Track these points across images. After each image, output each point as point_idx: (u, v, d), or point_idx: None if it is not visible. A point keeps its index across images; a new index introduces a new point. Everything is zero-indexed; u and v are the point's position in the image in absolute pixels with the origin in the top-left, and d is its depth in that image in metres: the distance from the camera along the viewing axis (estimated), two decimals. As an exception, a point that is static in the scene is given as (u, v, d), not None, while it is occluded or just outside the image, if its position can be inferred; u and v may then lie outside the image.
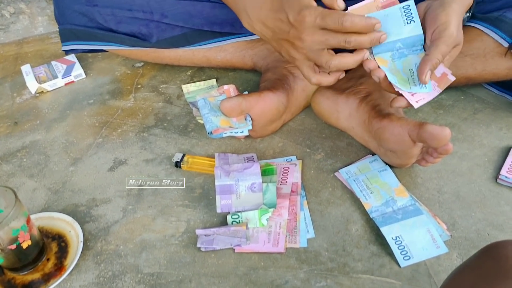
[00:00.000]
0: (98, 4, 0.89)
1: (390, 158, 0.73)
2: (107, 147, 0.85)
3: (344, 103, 0.79)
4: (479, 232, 0.65)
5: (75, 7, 0.90)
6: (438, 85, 0.65)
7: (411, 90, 0.64)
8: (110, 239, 0.69)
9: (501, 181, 0.72)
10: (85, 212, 0.73)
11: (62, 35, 0.94)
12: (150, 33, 0.90)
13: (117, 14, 0.89)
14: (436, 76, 0.65)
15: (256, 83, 0.96)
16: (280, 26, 0.65)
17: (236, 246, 0.65)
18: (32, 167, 0.82)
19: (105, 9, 0.89)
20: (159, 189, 0.76)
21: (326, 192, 0.73)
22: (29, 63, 1.06)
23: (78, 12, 0.91)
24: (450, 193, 0.71)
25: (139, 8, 0.89)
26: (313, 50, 0.63)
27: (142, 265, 0.65)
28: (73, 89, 1.02)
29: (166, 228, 0.70)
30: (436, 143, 0.63)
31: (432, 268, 0.61)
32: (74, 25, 0.92)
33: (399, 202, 0.68)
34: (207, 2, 0.87)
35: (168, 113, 0.92)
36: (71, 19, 0.92)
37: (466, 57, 0.79)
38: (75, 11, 0.91)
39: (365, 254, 0.64)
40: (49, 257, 0.65)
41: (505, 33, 0.75)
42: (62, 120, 0.93)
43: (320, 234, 0.67)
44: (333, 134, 0.83)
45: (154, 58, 0.98)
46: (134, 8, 0.89)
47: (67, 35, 0.93)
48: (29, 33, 1.27)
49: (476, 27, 0.78)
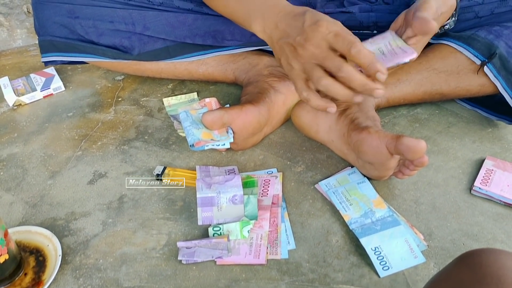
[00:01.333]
0: (80, 16, 0.89)
1: (368, 170, 0.75)
2: (87, 160, 0.84)
3: (324, 117, 0.80)
4: (454, 242, 0.67)
5: (56, 19, 0.90)
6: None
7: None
8: (90, 253, 0.68)
9: (475, 192, 0.74)
10: (63, 226, 0.72)
11: (42, 46, 0.93)
12: (132, 46, 0.90)
13: (98, 26, 0.89)
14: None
15: (237, 96, 0.97)
16: (291, 29, 0.63)
17: (217, 258, 0.65)
18: (9, 180, 0.81)
19: (87, 21, 0.89)
20: (140, 201, 0.75)
21: (306, 204, 0.74)
22: (7, 76, 1.05)
23: (59, 23, 0.90)
24: (426, 204, 0.73)
25: (121, 20, 0.88)
26: (310, 62, 0.62)
27: (122, 279, 0.64)
28: (52, 102, 1.01)
29: (147, 241, 0.69)
30: (412, 156, 0.65)
31: (410, 277, 0.62)
32: (54, 36, 0.91)
33: (377, 213, 0.70)
34: (190, 14, 0.88)
35: (149, 126, 0.92)
36: (51, 31, 0.91)
37: (441, 73, 0.82)
38: (55, 22, 0.90)
39: (345, 264, 0.65)
40: (27, 271, 0.64)
41: (478, 51, 0.79)
42: (40, 133, 0.92)
43: (301, 245, 0.68)
44: (313, 147, 0.85)
45: (135, 70, 0.98)
46: (116, 20, 0.89)
47: (47, 47, 0.92)
48: (8, 45, 1.26)
49: (450, 45, 0.81)
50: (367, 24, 0.86)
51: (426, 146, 0.64)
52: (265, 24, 0.68)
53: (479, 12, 0.82)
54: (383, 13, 0.85)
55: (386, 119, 0.90)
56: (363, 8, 0.86)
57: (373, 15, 0.86)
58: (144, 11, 0.88)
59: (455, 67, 0.82)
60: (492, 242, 0.67)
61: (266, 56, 0.93)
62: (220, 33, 0.85)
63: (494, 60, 0.77)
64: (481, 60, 0.78)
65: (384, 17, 0.85)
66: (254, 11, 0.69)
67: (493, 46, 0.77)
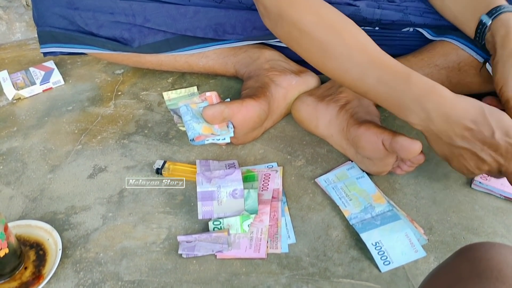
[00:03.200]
0: (79, 7, 0.88)
1: (367, 165, 0.75)
2: (87, 154, 0.84)
3: (324, 111, 0.80)
4: (455, 236, 0.67)
5: (55, 10, 0.89)
6: None
7: None
8: (90, 247, 0.68)
9: (476, 187, 0.74)
10: (63, 220, 0.72)
11: (40, 37, 0.92)
12: (132, 38, 0.89)
13: (98, 17, 0.88)
14: None
15: (237, 90, 0.97)
16: (480, 138, 0.59)
17: (218, 252, 0.65)
18: (9, 174, 0.81)
19: (86, 12, 0.88)
20: (140, 196, 0.75)
21: (306, 198, 0.74)
22: (6, 69, 1.04)
23: (58, 14, 0.89)
24: (427, 198, 0.73)
25: (121, 11, 0.88)
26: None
27: (122, 273, 0.64)
28: (51, 96, 1.01)
29: (147, 235, 0.69)
30: (406, 155, 0.65)
31: (410, 271, 0.63)
32: (53, 27, 0.90)
33: (377, 208, 0.70)
34: (191, 6, 0.87)
35: (149, 120, 0.92)
36: (50, 22, 0.90)
37: (442, 70, 0.82)
38: (55, 13, 0.89)
39: (346, 258, 0.65)
40: (27, 265, 0.64)
41: (480, 49, 0.78)
42: (40, 127, 0.91)
43: (301, 239, 0.68)
44: (313, 141, 0.84)
45: (135, 62, 0.98)
46: (116, 12, 0.88)
47: (46, 38, 0.92)
48: (7, 39, 1.25)
49: (452, 42, 0.81)
50: (371, 20, 0.85)
51: (421, 146, 0.64)
52: (430, 118, 0.61)
53: None
54: (389, 11, 0.85)
55: (386, 113, 0.90)
56: (370, 4, 0.85)
57: (379, 12, 0.85)
58: (145, 2, 0.87)
59: (457, 63, 0.81)
60: (492, 236, 0.67)
61: (267, 49, 0.93)
62: (221, 26, 0.84)
63: None
64: (484, 58, 0.78)
65: (389, 15, 0.84)
66: (418, 100, 0.61)
67: None
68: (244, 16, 0.86)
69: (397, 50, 0.88)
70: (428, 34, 0.83)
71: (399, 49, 0.88)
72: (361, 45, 0.64)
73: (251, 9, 0.86)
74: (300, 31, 0.65)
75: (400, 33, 0.87)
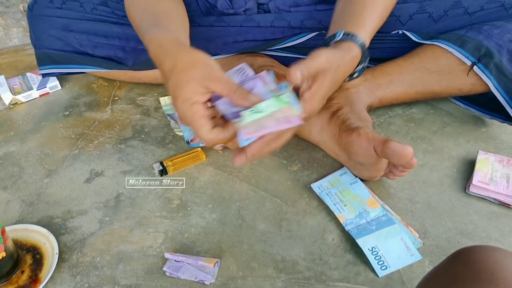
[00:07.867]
0: (74, 30, 0.90)
1: (359, 171, 0.76)
2: (83, 158, 0.84)
3: (316, 117, 0.81)
4: (449, 240, 0.68)
5: (51, 32, 0.91)
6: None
7: None
8: (86, 251, 0.68)
9: (470, 192, 0.75)
10: (60, 224, 0.72)
11: (39, 59, 0.94)
12: (127, 57, 0.92)
13: (93, 39, 0.91)
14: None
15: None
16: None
17: (200, 281, 0.63)
18: (5, 179, 0.81)
19: (81, 34, 0.91)
20: (137, 200, 0.76)
21: (302, 202, 0.74)
22: (3, 75, 1.04)
23: (54, 37, 0.91)
24: (421, 202, 0.74)
25: (115, 35, 0.90)
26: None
27: (119, 277, 0.64)
28: (48, 101, 1.01)
29: (143, 239, 0.69)
30: (398, 160, 0.66)
31: (405, 275, 0.63)
32: (50, 49, 0.92)
33: (372, 213, 0.70)
34: None
35: (145, 125, 0.92)
36: (47, 44, 0.92)
37: (433, 73, 0.83)
38: (51, 35, 0.91)
39: (341, 262, 0.65)
40: (24, 269, 0.64)
41: (468, 52, 0.79)
42: (36, 132, 0.92)
43: (297, 243, 0.68)
44: (309, 146, 0.85)
45: (132, 77, 1.01)
46: (110, 35, 0.91)
47: (44, 60, 0.94)
48: (4, 44, 1.26)
49: (441, 46, 0.82)
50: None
51: (413, 151, 0.65)
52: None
53: (469, 8, 0.83)
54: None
55: (381, 118, 0.91)
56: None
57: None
58: None
59: (447, 67, 0.82)
60: (486, 240, 0.68)
61: (260, 56, 0.94)
62: (212, 42, 0.86)
63: (485, 59, 0.78)
64: (472, 61, 0.79)
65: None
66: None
67: (483, 46, 0.78)
68: (234, 32, 0.90)
69: (388, 53, 0.90)
70: (414, 38, 0.85)
71: (390, 52, 0.90)
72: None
73: (242, 26, 0.90)
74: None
75: (389, 35, 0.88)
